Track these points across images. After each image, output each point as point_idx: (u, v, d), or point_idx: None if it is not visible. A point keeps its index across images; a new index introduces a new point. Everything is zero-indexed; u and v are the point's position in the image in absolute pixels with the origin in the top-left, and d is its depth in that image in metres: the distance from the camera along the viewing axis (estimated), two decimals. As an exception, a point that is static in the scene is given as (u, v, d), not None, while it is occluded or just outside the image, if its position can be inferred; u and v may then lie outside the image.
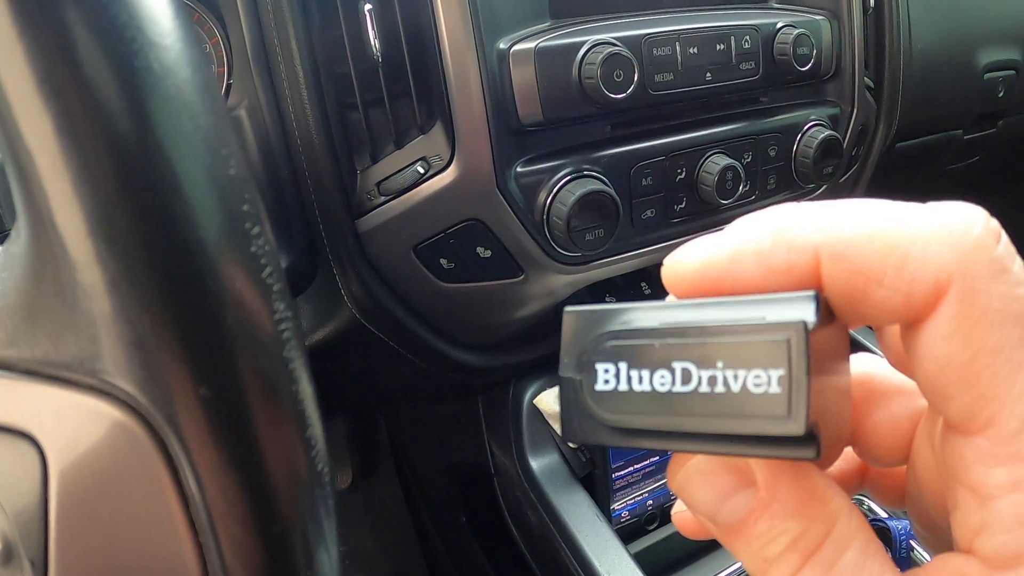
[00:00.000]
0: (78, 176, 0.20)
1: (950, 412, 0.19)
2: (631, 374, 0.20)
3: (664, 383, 0.20)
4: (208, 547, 0.23)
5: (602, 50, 0.56)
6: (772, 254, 0.20)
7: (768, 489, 0.21)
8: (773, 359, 0.18)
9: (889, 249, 0.19)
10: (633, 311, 0.21)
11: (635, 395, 0.20)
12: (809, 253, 0.20)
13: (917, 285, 0.18)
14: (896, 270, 0.18)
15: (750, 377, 0.18)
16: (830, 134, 0.71)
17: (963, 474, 0.19)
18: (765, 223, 0.21)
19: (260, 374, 0.22)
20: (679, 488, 0.22)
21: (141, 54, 0.21)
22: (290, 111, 0.59)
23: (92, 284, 0.21)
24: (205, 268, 0.21)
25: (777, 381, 0.18)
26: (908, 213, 0.19)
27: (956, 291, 0.18)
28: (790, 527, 0.20)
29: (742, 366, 0.19)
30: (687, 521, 0.26)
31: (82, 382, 0.22)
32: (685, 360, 0.19)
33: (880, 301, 0.19)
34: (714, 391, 0.19)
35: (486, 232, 0.59)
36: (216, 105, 0.22)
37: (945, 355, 0.18)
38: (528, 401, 0.78)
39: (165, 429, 0.22)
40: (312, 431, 0.24)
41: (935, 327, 0.18)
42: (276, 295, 0.23)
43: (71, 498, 0.23)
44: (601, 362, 0.21)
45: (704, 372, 0.19)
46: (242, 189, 0.22)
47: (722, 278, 0.21)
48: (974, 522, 0.19)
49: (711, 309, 0.20)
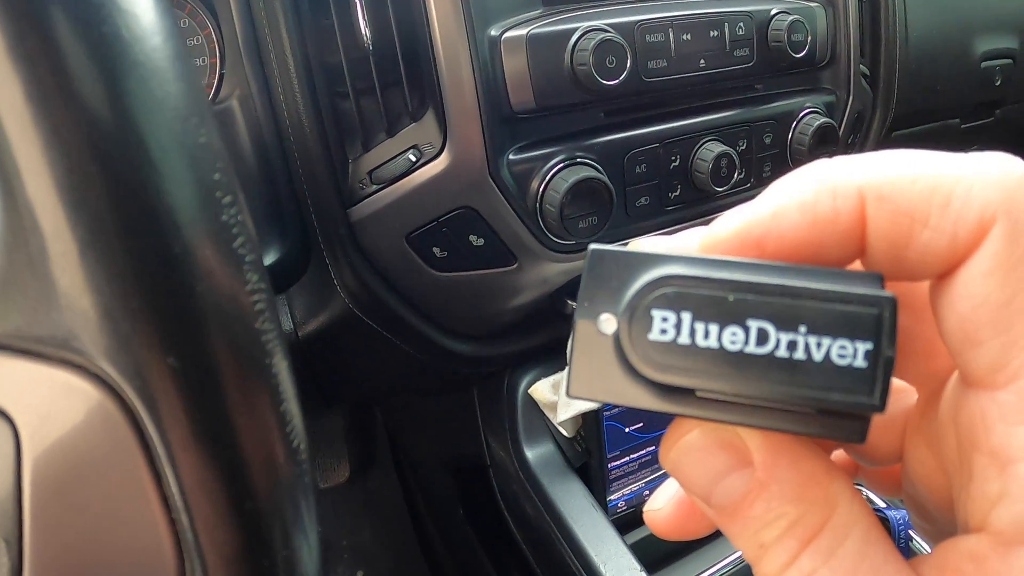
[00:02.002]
0: (47, 143, 0.20)
1: (977, 362, 0.18)
2: (696, 326, 0.18)
3: (736, 341, 0.18)
4: (181, 524, 0.22)
5: (594, 36, 0.56)
6: (817, 203, 0.19)
7: (765, 470, 0.20)
8: (862, 331, 0.17)
9: (933, 189, 0.18)
10: (681, 261, 0.19)
11: (696, 351, 0.18)
12: (854, 198, 0.19)
13: (962, 224, 0.18)
14: (941, 209, 0.18)
15: (835, 347, 0.17)
16: (826, 121, 0.70)
17: (983, 437, 0.18)
18: (805, 175, 0.20)
19: (231, 345, 0.22)
20: (672, 466, 0.21)
21: (110, 20, 0.20)
22: (282, 101, 0.59)
23: (62, 253, 0.20)
24: (173, 236, 0.21)
25: (864, 355, 0.17)
26: (949, 158, 0.19)
27: (1000, 228, 0.18)
28: (787, 511, 0.19)
29: (828, 334, 0.18)
30: (659, 520, 0.26)
31: (55, 356, 0.22)
32: (764, 319, 0.18)
33: (924, 244, 0.18)
34: (793, 356, 0.18)
35: (479, 220, 0.59)
36: (187, 73, 0.22)
37: (982, 294, 0.18)
38: (523, 391, 0.77)
39: (136, 402, 0.21)
40: (287, 406, 0.23)
41: (975, 265, 0.18)
42: (249, 266, 0.22)
43: (45, 475, 0.23)
44: (659, 308, 0.18)
45: (784, 335, 0.18)
46: (213, 157, 0.22)
47: (766, 235, 0.20)
48: (991, 492, 0.18)
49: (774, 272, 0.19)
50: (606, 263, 0.19)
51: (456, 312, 0.69)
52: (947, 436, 0.21)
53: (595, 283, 0.19)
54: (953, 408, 0.20)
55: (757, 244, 0.20)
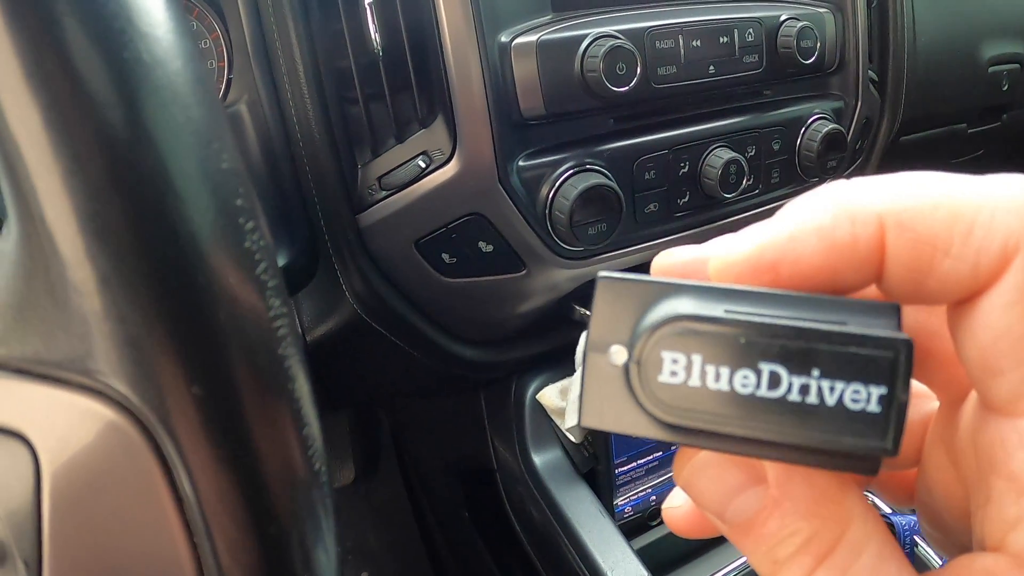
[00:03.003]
0: (67, 170, 0.20)
1: (997, 390, 0.18)
2: (706, 369, 0.18)
3: (747, 385, 0.18)
4: (203, 548, 0.22)
5: (604, 43, 0.56)
6: (835, 228, 0.19)
7: (779, 487, 0.20)
8: (876, 376, 0.17)
9: (955, 216, 0.18)
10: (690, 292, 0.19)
11: (707, 393, 0.18)
12: (873, 224, 0.18)
13: (984, 253, 0.18)
14: (963, 238, 0.18)
15: (848, 391, 0.17)
16: (834, 127, 0.70)
17: (1002, 462, 0.18)
18: (823, 199, 0.19)
19: (254, 372, 0.21)
20: (686, 484, 0.21)
21: (131, 45, 0.20)
22: (290, 106, 0.59)
23: (82, 281, 0.20)
24: (197, 263, 0.20)
25: (878, 400, 0.17)
26: (970, 182, 0.18)
27: (1023, 259, 0.17)
28: (801, 528, 0.19)
29: (841, 378, 0.17)
30: (677, 518, 0.25)
31: (74, 381, 0.22)
32: (775, 362, 0.18)
33: (946, 272, 0.18)
34: (805, 400, 0.17)
35: (488, 226, 0.59)
36: (209, 97, 0.22)
37: (1003, 325, 0.18)
38: (531, 396, 0.77)
39: (158, 428, 0.21)
40: (309, 430, 0.23)
41: (997, 296, 0.18)
42: (271, 291, 0.22)
43: (64, 498, 0.23)
44: (669, 350, 0.18)
45: (797, 379, 0.18)
46: (235, 183, 0.22)
47: (781, 259, 0.19)
48: (1010, 515, 0.18)
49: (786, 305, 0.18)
50: (615, 292, 0.19)
51: (464, 318, 0.69)
52: (967, 451, 0.21)
53: (605, 313, 0.19)
54: (973, 426, 0.20)
55: (771, 268, 0.19)
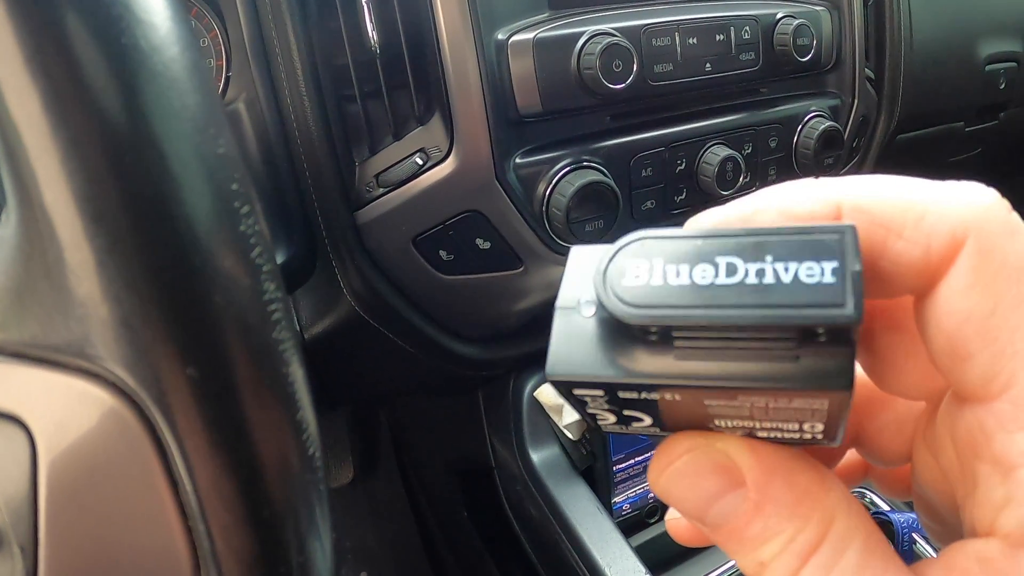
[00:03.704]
0: (65, 154, 0.20)
1: (968, 376, 0.18)
2: (667, 268, 0.19)
3: (706, 275, 0.19)
4: (197, 532, 0.22)
5: (601, 40, 0.56)
6: (795, 206, 0.20)
7: (759, 490, 0.20)
8: (826, 253, 0.18)
9: (909, 203, 0.19)
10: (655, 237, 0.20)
11: (669, 289, 0.19)
12: (832, 205, 0.20)
13: (935, 237, 0.18)
14: (915, 221, 0.19)
15: (802, 268, 0.18)
16: (831, 125, 0.70)
17: (984, 447, 0.18)
18: (788, 185, 0.21)
19: (249, 355, 0.22)
20: (663, 492, 0.21)
21: (128, 32, 0.20)
22: (288, 104, 0.59)
23: (80, 263, 0.20)
24: (192, 246, 0.21)
25: (832, 271, 0.18)
26: (927, 183, 0.20)
27: (973, 243, 0.18)
28: (785, 528, 0.19)
29: (793, 259, 0.18)
30: (681, 528, 0.26)
31: (71, 364, 0.22)
32: (730, 255, 0.19)
33: (899, 254, 0.19)
34: (762, 282, 0.18)
35: (485, 224, 0.59)
36: (205, 84, 0.22)
37: (965, 308, 0.18)
38: (528, 394, 0.77)
39: (153, 411, 0.21)
40: (303, 414, 0.24)
41: (954, 280, 0.18)
42: (266, 275, 0.22)
43: (60, 482, 0.23)
44: (632, 259, 0.19)
45: (752, 265, 0.18)
46: (231, 168, 0.22)
47: None
48: (997, 498, 0.18)
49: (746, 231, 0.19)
50: (586, 257, 0.21)
51: (462, 315, 0.70)
52: (945, 448, 0.21)
53: (575, 276, 0.21)
54: (949, 422, 0.20)
55: None
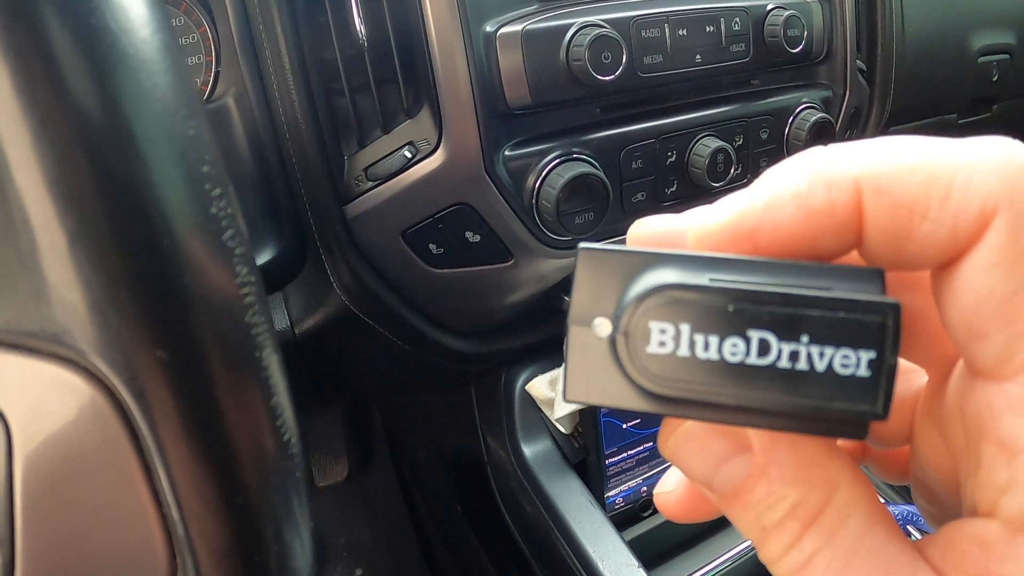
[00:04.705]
0: (36, 135, 0.20)
1: (983, 355, 0.18)
2: (695, 338, 0.18)
3: (737, 353, 0.18)
4: (171, 518, 0.22)
5: (590, 32, 0.56)
6: (811, 195, 0.19)
7: (765, 454, 0.20)
8: (865, 340, 0.17)
9: (932, 179, 0.18)
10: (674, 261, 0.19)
11: (696, 363, 0.18)
12: (850, 189, 0.18)
13: (963, 216, 0.17)
14: (940, 200, 0.18)
15: (838, 357, 0.17)
16: (822, 116, 0.70)
17: (991, 427, 0.18)
18: (799, 165, 0.19)
19: (220, 338, 0.21)
20: (671, 454, 0.21)
21: (98, 12, 0.20)
22: (277, 98, 0.59)
23: (51, 246, 0.20)
24: (162, 228, 0.20)
25: (867, 364, 0.17)
26: (948, 145, 0.18)
27: (1003, 220, 0.17)
28: (788, 493, 0.19)
29: (830, 343, 0.17)
30: (669, 503, 0.26)
31: (45, 350, 0.22)
32: (765, 329, 0.17)
33: (924, 236, 0.18)
34: (795, 367, 0.17)
35: (475, 216, 0.59)
36: (176, 65, 0.22)
37: (986, 287, 0.17)
38: (520, 387, 0.77)
39: (125, 396, 0.21)
40: (278, 399, 0.23)
41: (978, 258, 0.17)
42: (238, 258, 0.22)
43: (36, 469, 0.23)
44: (657, 320, 0.18)
45: (786, 345, 0.17)
46: (202, 150, 0.22)
47: (759, 228, 0.19)
48: (1000, 480, 0.18)
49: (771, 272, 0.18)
50: (598, 263, 0.19)
51: (452, 309, 0.69)
52: (953, 421, 0.21)
53: (588, 285, 0.19)
54: (960, 395, 0.20)
55: (750, 236, 0.19)
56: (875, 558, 0.19)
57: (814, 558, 0.19)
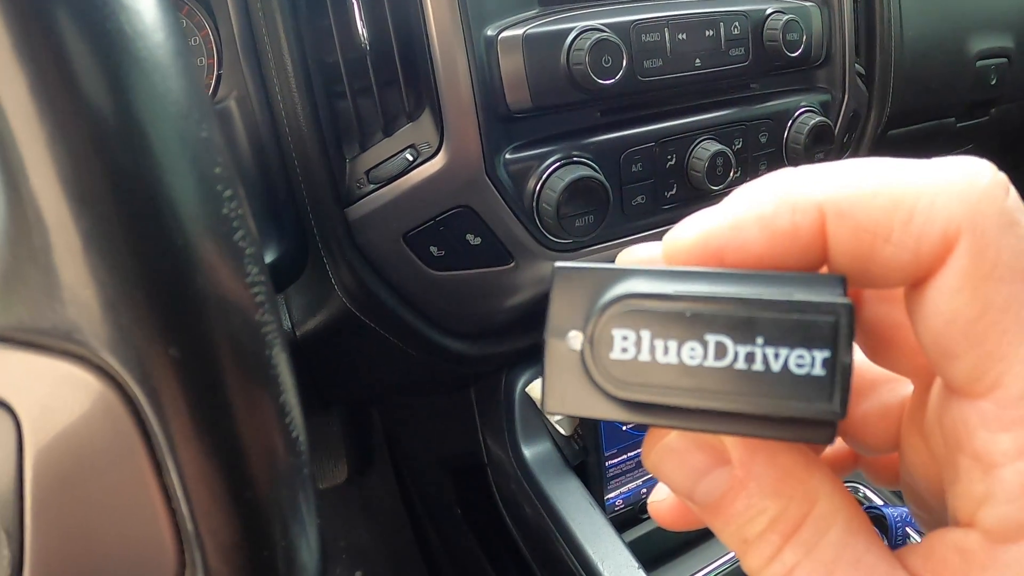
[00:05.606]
0: (51, 137, 0.20)
1: (955, 373, 0.18)
2: (655, 343, 0.18)
3: (694, 356, 0.18)
4: (181, 513, 0.23)
5: (590, 36, 0.56)
6: (776, 217, 0.19)
7: (743, 467, 0.20)
8: (819, 340, 0.17)
9: (895, 203, 0.18)
10: (642, 275, 0.19)
11: (657, 367, 0.18)
12: (813, 213, 0.19)
13: (925, 240, 0.18)
14: (903, 225, 0.18)
15: (792, 357, 0.18)
16: (821, 120, 0.71)
17: (966, 442, 0.18)
18: (765, 187, 0.20)
19: (231, 336, 0.22)
20: (653, 467, 0.22)
21: (113, 17, 0.21)
22: (279, 101, 0.59)
23: (65, 245, 0.21)
24: (175, 228, 0.21)
25: (822, 363, 0.17)
26: (913, 167, 0.18)
27: (965, 244, 0.17)
28: (768, 506, 0.20)
29: (784, 344, 0.18)
30: (662, 511, 0.26)
31: (56, 347, 0.22)
32: (720, 333, 0.18)
33: (887, 259, 0.18)
34: (751, 368, 0.18)
35: (476, 219, 0.59)
36: (189, 69, 0.22)
37: (952, 310, 0.18)
38: (520, 390, 0.78)
39: (137, 393, 0.22)
40: (286, 397, 0.24)
41: (943, 281, 0.18)
42: (248, 259, 0.23)
43: (46, 465, 0.23)
44: (619, 328, 0.19)
45: (742, 347, 0.18)
46: (214, 152, 0.22)
47: (725, 247, 0.20)
48: (977, 492, 0.18)
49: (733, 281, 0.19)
50: (571, 280, 0.20)
51: (453, 311, 0.70)
52: (935, 432, 0.21)
53: (562, 301, 0.20)
54: (939, 408, 0.20)
55: (716, 254, 0.20)
56: (855, 569, 0.19)
57: (795, 570, 0.19)
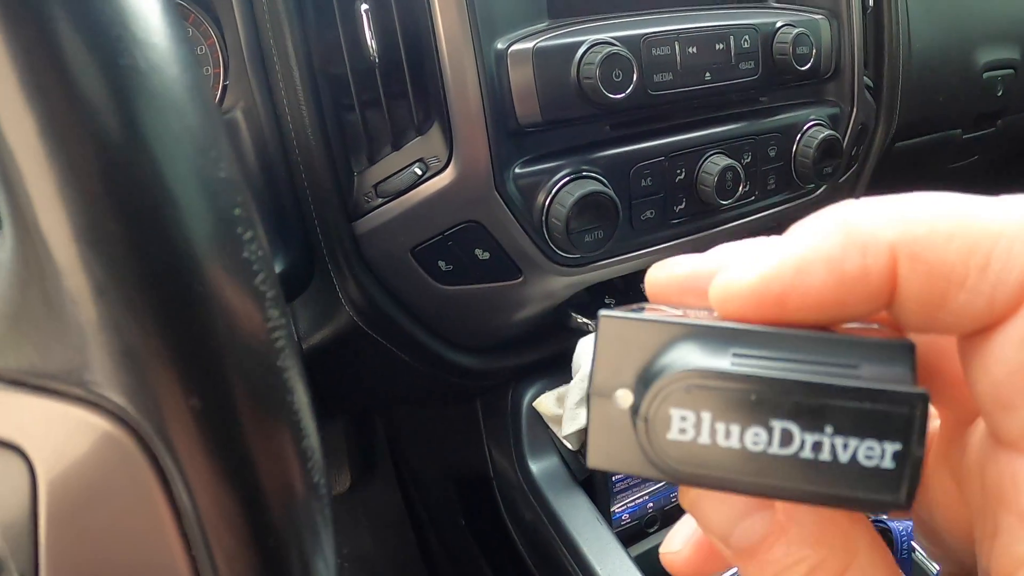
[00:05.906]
0: (62, 178, 0.19)
1: (1009, 425, 0.17)
2: (716, 427, 0.18)
3: (758, 443, 0.17)
4: (201, 561, 0.22)
5: (601, 50, 0.56)
6: (845, 260, 0.18)
7: (786, 513, 0.19)
8: (891, 432, 0.17)
9: (971, 248, 0.17)
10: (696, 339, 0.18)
11: (717, 450, 0.18)
12: (885, 255, 0.18)
13: (1001, 287, 0.17)
14: (979, 271, 0.17)
15: (862, 448, 0.17)
16: (830, 134, 0.70)
17: (1013, 498, 0.17)
18: (829, 225, 0.18)
19: (252, 384, 0.21)
20: (691, 506, 0.21)
21: (127, 52, 0.20)
22: (286, 113, 0.59)
23: (78, 290, 0.20)
24: (194, 273, 0.20)
25: (892, 456, 0.17)
26: (987, 207, 0.17)
27: None
28: (808, 555, 0.19)
29: (854, 435, 0.17)
30: (677, 563, 0.25)
31: (70, 392, 0.22)
32: (787, 420, 0.17)
33: (960, 306, 0.17)
34: (818, 458, 0.17)
35: (484, 234, 0.59)
36: (206, 105, 0.22)
37: (1018, 360, 0.17)
38: (527, 404, 0.77)
39: (155, 440, 0.21)
40: (308, 442, 0.23)
41: (1012, 330, 0.17)
42: (269, 302, 0.22)
43: (60, 511, 0.23)
44: (677, 407, 0.18)
45: (809, 436, 0.17)
46: (233, 192, 0.21)
47: (787, 293, 0.18)
48: (1019, 553, 0.17)
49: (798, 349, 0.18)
50: (618, 332, 0.19)
51: (461, 325, 0.69)
52: (972, 478, 0.20)
53: (607, 355, 0.19)
54: (981, 455, 0.19)
55: (777, 302, 0.19)
56: None
57: None
